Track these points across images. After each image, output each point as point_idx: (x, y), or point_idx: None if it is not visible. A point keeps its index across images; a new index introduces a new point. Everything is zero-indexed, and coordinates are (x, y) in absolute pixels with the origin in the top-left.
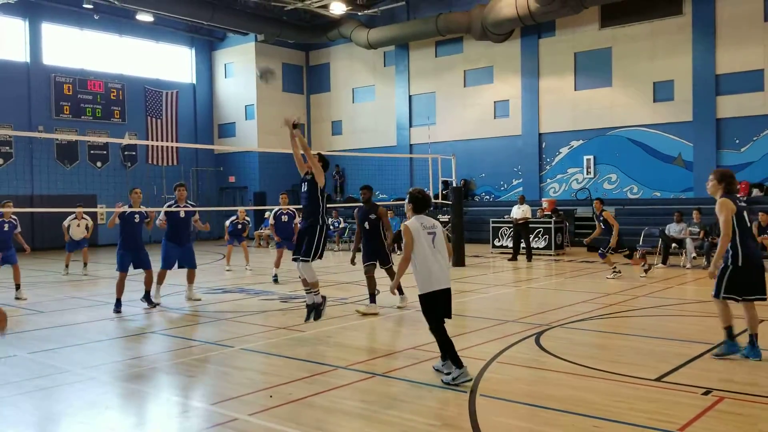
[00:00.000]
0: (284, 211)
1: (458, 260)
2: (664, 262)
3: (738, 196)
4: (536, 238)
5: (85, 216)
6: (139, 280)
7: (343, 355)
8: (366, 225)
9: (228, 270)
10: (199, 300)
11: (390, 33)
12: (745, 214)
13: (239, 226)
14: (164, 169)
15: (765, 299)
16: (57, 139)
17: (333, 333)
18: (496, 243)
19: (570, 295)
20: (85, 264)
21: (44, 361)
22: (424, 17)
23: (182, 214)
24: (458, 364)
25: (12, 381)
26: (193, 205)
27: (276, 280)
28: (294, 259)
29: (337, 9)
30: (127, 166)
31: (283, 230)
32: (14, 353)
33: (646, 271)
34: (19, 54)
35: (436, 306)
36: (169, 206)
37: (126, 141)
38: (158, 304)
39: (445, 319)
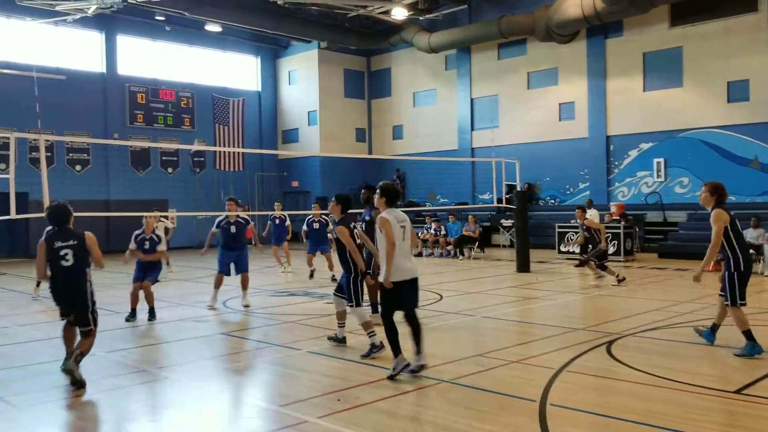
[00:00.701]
0: (315, 219)
1: (523, 266)
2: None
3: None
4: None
5: (162, 219)
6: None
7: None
8: (362, 226)
9: (284, 271)
10: (248, 306)
11: (451, 36)
12: (737, 222)
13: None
14: (231, 174)
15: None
16: (131, 146)
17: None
18: (562, 248)
19: (641, 303)
20: (168, 263)
21: (120, 360)
22: (486, 20)
23: (233, 230)
24: (396, 353)
25: (91, 379)
26: (245, 218)
27: (312, 276)
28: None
29: (399, 14)
30: (196, 172)
31: (314, 236)
32: (92, 352)
33: (603, 276)
34: (96, 65)
35: (396, 295)
36: (220, 221)
37: (195, 147)
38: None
39: (413, 310)
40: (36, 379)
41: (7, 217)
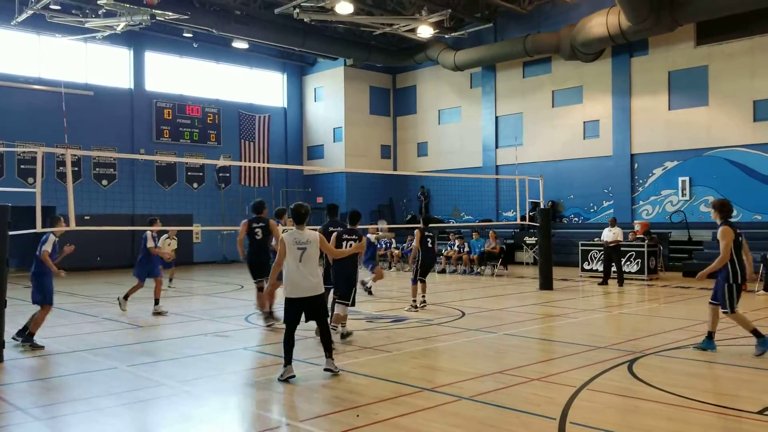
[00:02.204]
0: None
1: (546, 284)
2: (766, 288)
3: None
4: (628, 262)
5: (174, 236)
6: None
7: (428, 377)
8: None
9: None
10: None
11: (477, 55)
12: (740, 238)
13: None
14: (256, 189)
15: None
16: (157, 161)
17: (418, 354)
18: (586, 266)
19: (664, 322)
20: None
21: (142, 374)
22: (512, 38)
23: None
24: (286, 362)
25: (113, 392)
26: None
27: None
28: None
29: (425, 32)
30: (221, 187)
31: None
32: (115, 365)
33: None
34: (124, 81)
35: (291, 309)
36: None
37: (221, 163)
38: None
39: (321, 320)
40: (57, 392)
41: (33, 231)
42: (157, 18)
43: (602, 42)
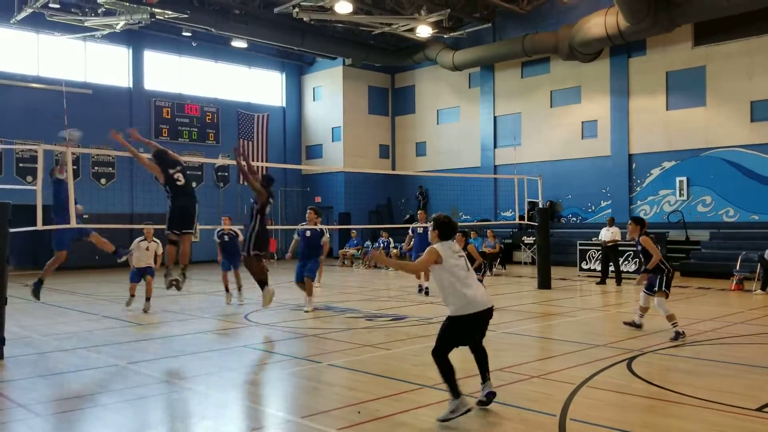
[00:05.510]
0: (225, 232)
1: (544, 283)
2: (763, 288)
3: None
4: (626, 262)
5: (155, 239)
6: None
7: (429, 374)
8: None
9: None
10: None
11: (475, 54)
12: None
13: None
14: None
15: None
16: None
17: (418, 352)
18: (584, 266)
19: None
20: (148, 298)
21: (143, 371)
22: (510, 38)
23: (308, 234)
24: (456, 394)
25: (115, 389)
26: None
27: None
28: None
29: (424, 32)
30: (219, 186)
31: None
32: (116, 363)
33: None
34: (123, 80)
35: (465, 328)
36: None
37: (220, 162)
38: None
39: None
40: (59, 388)
41: (33, 228)
42: (157, 17)
43: (600, 42)
